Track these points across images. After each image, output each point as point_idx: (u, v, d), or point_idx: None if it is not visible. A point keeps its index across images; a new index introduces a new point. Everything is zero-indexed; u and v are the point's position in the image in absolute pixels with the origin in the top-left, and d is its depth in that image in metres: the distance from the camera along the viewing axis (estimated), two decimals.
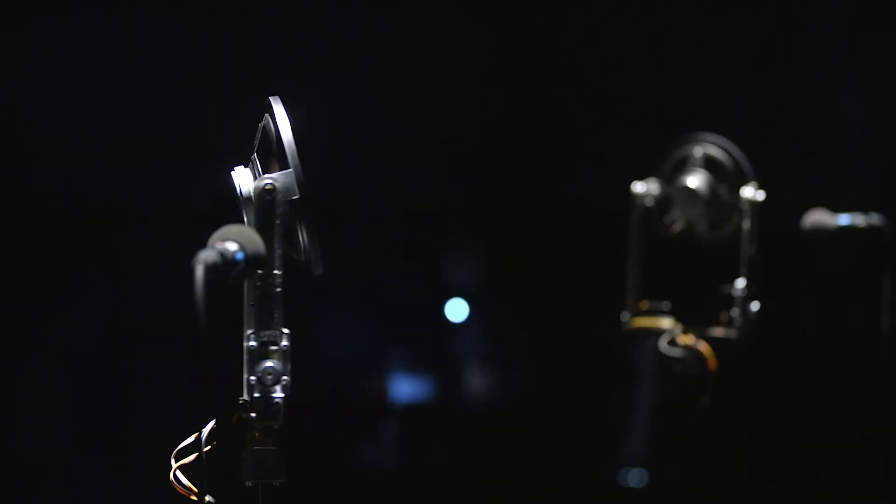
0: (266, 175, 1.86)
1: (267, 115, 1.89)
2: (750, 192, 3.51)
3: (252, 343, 1.86)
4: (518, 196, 5.02)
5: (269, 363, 1.86)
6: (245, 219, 1.86)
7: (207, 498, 1.81)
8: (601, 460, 4.84)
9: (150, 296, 3.99)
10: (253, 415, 1.86)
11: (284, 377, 1.87)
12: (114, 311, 4.26)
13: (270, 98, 1.85)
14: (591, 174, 4.80)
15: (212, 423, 1.82)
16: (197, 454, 1.80)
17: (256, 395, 1.85)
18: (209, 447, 1.81)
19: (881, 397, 3.97)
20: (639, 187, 3.54)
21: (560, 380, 5.05)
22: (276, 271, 1.86)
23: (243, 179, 1.88)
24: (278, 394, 1.86)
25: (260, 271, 1.82)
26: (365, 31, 4.47)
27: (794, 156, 4.72)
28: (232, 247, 1.69)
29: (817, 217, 3.46)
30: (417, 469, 4.92)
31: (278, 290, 1.86)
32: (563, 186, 4.92)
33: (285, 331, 1.88)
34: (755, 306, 3.48)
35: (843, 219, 3.43)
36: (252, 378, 1.85)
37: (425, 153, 4.66)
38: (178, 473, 1.84)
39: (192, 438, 1.82)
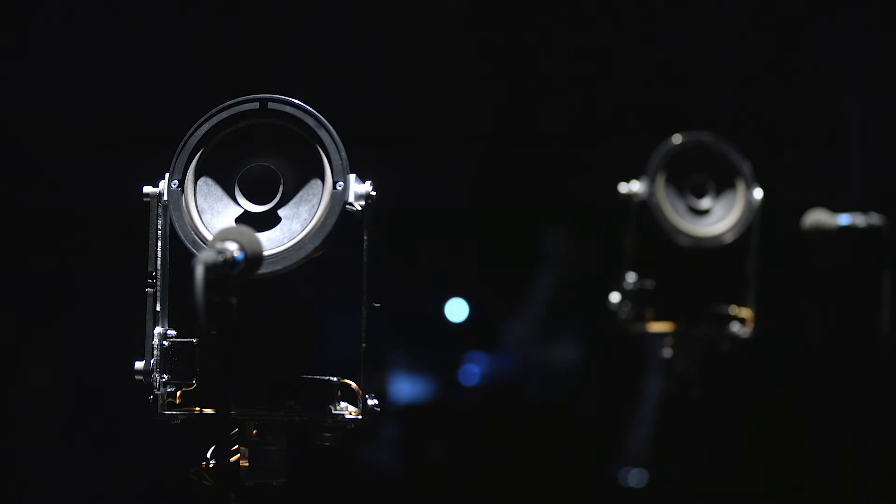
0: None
1: None
2: (749, 193, 3.49)
3: None
4: (518, 196, 5.01)
5: None
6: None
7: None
8: (601, 460, 4.83)
9: None
10: None
11: None
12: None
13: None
14: (590, 174, 4.80)
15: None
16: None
17: None
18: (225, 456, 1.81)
19: (881, 397, 3.96)
20: (635, 187, 3.51)
21: (561, 380, 5.05)
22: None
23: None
24: None
25: None
26: (364, 31, 4.47)
27: (794, 156, 4.72)
28: (232, 246, 1.67)
29: (817, 217, 3.44)
30: (417, 469, 4.91)
31: None
32: (563, 187, 4.92)
33: None
34: (754, 305, 3.47)
35: (843, 219, 3.41)
36: None
37: (426, 154, 4.66)
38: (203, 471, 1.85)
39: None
